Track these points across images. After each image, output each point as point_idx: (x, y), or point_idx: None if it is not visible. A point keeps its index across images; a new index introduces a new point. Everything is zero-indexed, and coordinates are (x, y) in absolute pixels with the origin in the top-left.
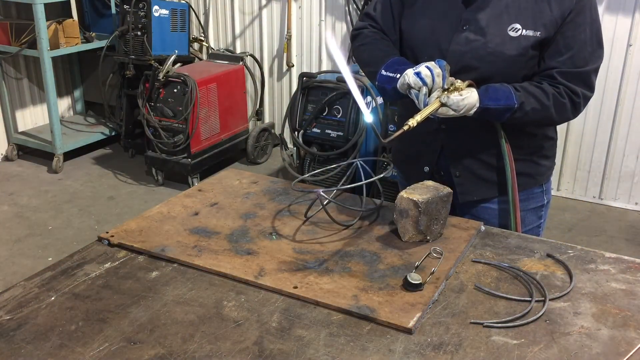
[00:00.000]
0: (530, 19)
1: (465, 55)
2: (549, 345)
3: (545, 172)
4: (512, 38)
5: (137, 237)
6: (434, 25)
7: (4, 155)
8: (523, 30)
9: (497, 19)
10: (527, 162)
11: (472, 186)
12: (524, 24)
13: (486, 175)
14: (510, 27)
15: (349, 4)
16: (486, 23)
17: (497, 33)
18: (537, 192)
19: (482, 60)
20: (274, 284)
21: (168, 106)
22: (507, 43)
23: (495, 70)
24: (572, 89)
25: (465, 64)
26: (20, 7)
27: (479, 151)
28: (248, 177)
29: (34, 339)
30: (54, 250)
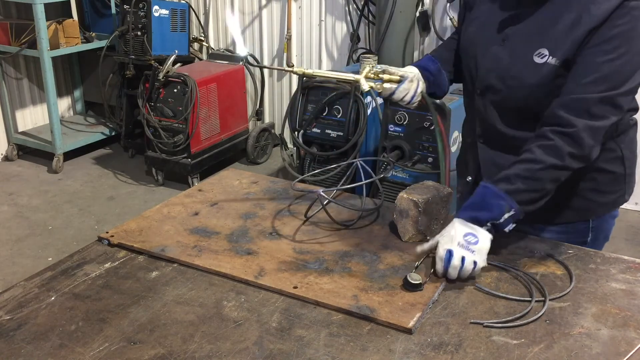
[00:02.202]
0: (560, 44)
1: (490, 73)
2: (549, 345)
3: (596, 208)
4: (535, 65)
5: (137, 237)
6: (476, 36)
7: (4, 155)
8: (549, 57)
9: (531, 40)
10: (569, 193)
11: None
12: (551, 50)
13: None
14: (538, 52)
15: (349, 4)
16: (518, 43)
17: (522, 57)
18: (579, 227)
19: (504, 83)
20: (274, 284)
21: (168, 106)
22: (529, 69)
23: (517, 97)
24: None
25: (489, 84)
26: (20, 7)
27: None
28: (248, 177)
29: (34, 339)
30: (54, 250)
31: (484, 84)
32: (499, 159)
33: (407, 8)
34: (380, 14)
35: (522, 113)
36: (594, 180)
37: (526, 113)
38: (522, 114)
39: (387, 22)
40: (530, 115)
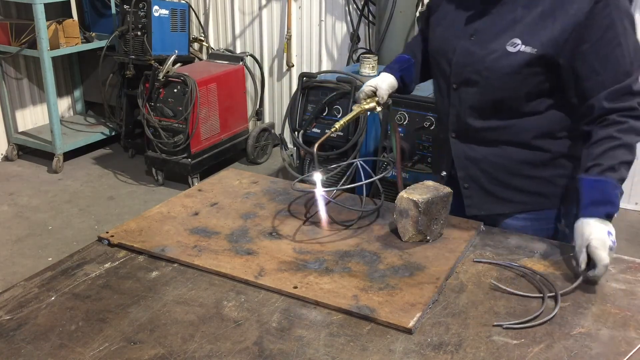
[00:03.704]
0: (531, 35)
1: (465, 68)
2: (549, 345)
3: (560, 193)
4: (508, 54)
5: (137, 237)
6: (445, 35)
7: (4, 155)
8: (522, 45)
9: (501, 33)
10: (539, 180)
11: (480, 200)
12: (524, 40)
13: (495, 190)
14: (511, 41)
15: (349, 4)
16: (489, 36)
17: (495, 47)
18: (549, 214)
19: (480, 75)
20: (274, 284)
21: (168, 106)
22: (502, 59)
23: (494, 86)
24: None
25: (466, 77)
26: (20, 7)
27: (486, 165)
28: (248, 177)
29: (34, 339)
30: (54, 250)
31: (460, 79)
32: (471, 151)
33: (407, 8)
34: (380, 14)
35: (496, 104)
36: (563, 167)
37: (500, 103)
38: (497, 104)
39: (387, 22)
40: (504, 106)
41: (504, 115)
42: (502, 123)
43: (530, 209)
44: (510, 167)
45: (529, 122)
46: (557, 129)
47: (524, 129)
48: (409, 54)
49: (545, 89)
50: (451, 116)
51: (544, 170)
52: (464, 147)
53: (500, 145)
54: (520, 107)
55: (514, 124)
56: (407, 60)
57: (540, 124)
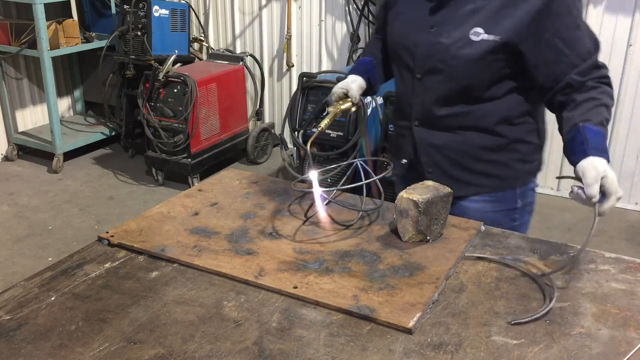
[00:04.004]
0: (493, 23)
1: (430, 58)
2: (549, 345)
3: (521, 176)
4: (472, 42)
5: (137, 237)
6: (406, 28)
7: (4, 155)
8: (484, 34)
9: (462, 22)
10: (497, 164)
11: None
12: (486, 29)
13: (457, 174)
14: (473, 30)
15: (349, 4)
16: (452, 27)
17: (459, 37)
18: (508, 195)
19: (445, 63)
20: (274, 284)
21: (168, 106)
22: (467, 46)
23: (458, 73)
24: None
25: (431, 67)
26: (20, 7)
27: (449, 150)
28: (248, 177)
29: (34, 339)
30: (54, 250)
31: (424, 69)
32: (434, 138)
33: None
34: None
35: (461, 90)
36: (517, 151)
37: (465, 90)
38: (462, 91)
39: None
40: (468, 92)
41: (467, 102)
42: (465, 109)
43: (489, 191)
44: (471, 152)
45: (489, 108)
46: (514, 115)
47: (485, 115)
48: (369, 56)
49: (506, 74)
50: (415, 105)
51: (501, 154)
52: (427, 135)
53: (462, 131)
54: (483, 93)
55: (476, 109)
56: (369, 62)
57: (499, 110)
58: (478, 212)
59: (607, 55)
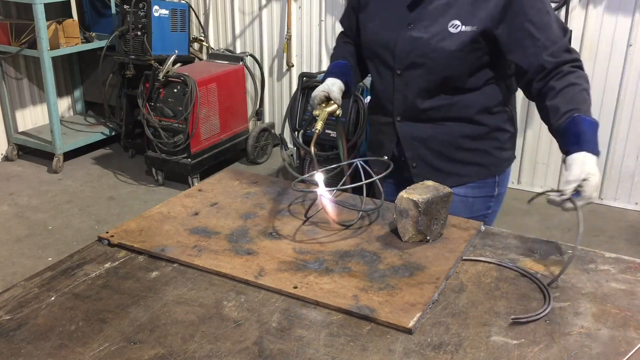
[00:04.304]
0: (469, 15)
1: (411, 53)
2: (549, 345)
3: (501, 163)
4: (451, 34)
5: (137, 237)
6: (382, 27)
7: (4, 155)
8: (462, 26)
9: (439, 17)
10: (479, 152)
11: (428, 176)
12: (463, 20)
13: (441, 165)
14: (451, 23)
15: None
16: (429, 22)
17: (438, 30)
18: (489, 182)
19: (426, 57)
20: (274, 284)
21: (168, 106)
22: (447, 39)
23: (439, 66)
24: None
25: (411, 62)
26: (20, 7)
27: (433, 143)
28: (248, 177)
29: (34, 339)
30: (54, 250)
31: (405, 64)
32: (418, 132)
33: None
34: None
35: (443, 82)
36: (496, 140)
37: (447, 81)
38: (444, 82)
39: None
40: (450, 84)
41: (449, 92)
42: (448, 100)
43: (472, 180)
44: (454, 142)
45: (470, 98)
46: (493, 104)
47: (466, 105)
48: (342, 59)
49: (484, 62)
50: (396, 101)
51: (483, 142)
52: (411, 129)
53: (445, 122)
54: (464, 83)
55: (458, 100)
56: (344, 65)
57: (480, 100)
58: (459, 197)
59: (607, 55)
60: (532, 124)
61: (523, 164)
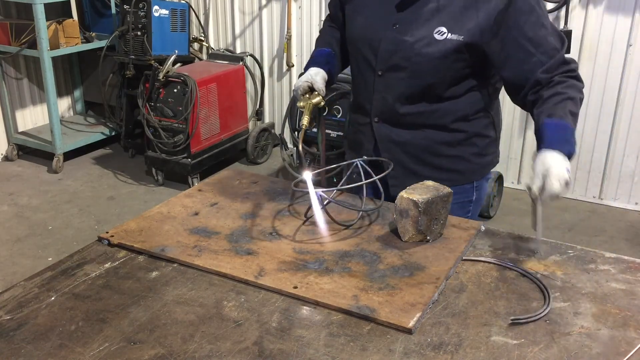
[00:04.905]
0: (457, 23)
1: (394, 55)
2: (549, 345)
3: (479, 170)
4: (437, 41)
5: (137, 237)
6: (368, 24)
7: (4, 155)
8: (448, 34)
9: (426, 21)
10: (457, 158)
11: (404, 179)
12: (449, 28)
13: (418, 169)
14: (437, 30)
15: None
16: (415, 25)
17: (424, 35)
18: (466, 188)
19: (409, 60)
20: (274, 284)
21: (168, 106)
22: (432, 45)
23: (422, 70)
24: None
25: (394, 63)
26: (20, 7)
27: (410, 147)
28: (248, 177)
29: (34, 339)
30: (54, 250)
31: (386, 65)
32: (396, 136)
33: None
34: None
35: (424, 89)
36: (475, 145)
37: (428, 88)
38: (425, 89)
39: None
40: (431, 91)
41: (429, 100)
42: (427, 108)
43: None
44: (431, 148)
45: (449, 107)
46: (471, 112)
47: (445, 113)
48: (326, 47)
49: (467, 73)
50: (375, 101)
51: (461, 149)
52: (388, 131)
53: (423, 128)
54: (444, 91)
55: (437, 108)
56: (328, 54)
57: (457, 108)
58: None
59: (607, 55)
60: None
61: (523, 164)
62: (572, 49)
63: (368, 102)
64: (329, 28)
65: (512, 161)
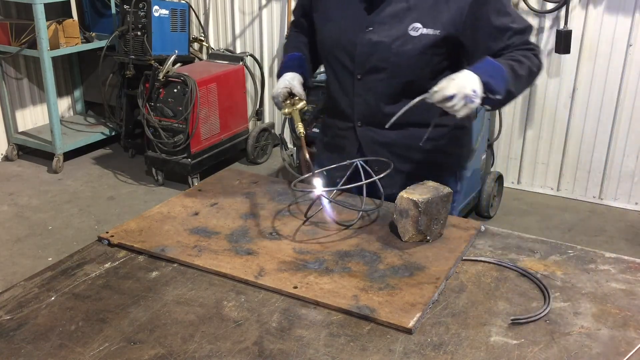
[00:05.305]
0: (429, 18)
1: (371, 58)
2: (549, 345)
3: (460, 161)
4: (412, 37)
5: (137, 237)
6: (340, 29)
7: (4, 155)
8: (423, 29)
9: (399, 20)
10: (440, 152)
11: (393, 179)
12: (423, 23)
13: (404, 167)
14: (411, 26)
15: None
16: (388, 25)
17: (399, 34)
18: (450, 180)
19: (387, 61)
20: (274, 284)
21: (168, 106)
22: (408, 43)
23: (402, 69)
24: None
25: (373, 66)
26: (20, 7)
27: (396, 147)
28: (248, 177)
29: (34, 339)
30: (54, 250)
31: (365, 68)
32: (380, 137)
33: None
34: None
35: (405, 86)
36: (456, 137)
37: (409, 85)
38: (406, 87)
39: None
40: (412, 88)
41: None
42: None
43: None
44: (417, 145)
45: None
46: None
47: (428, 109)
48: (296, 51)
49: (444, 66)
50: (357, 105)
51: (444, 142)
52: (373, 134)
53: (408, 127)
54: (425, 86)
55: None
56: (300, 58)
57: None
58: None
59: (607, 55)
60: (532, 124)
61: (523, 164)
62: (572, 49)
63: (349, 106)
64: (295, 34)
65: (512, 161)
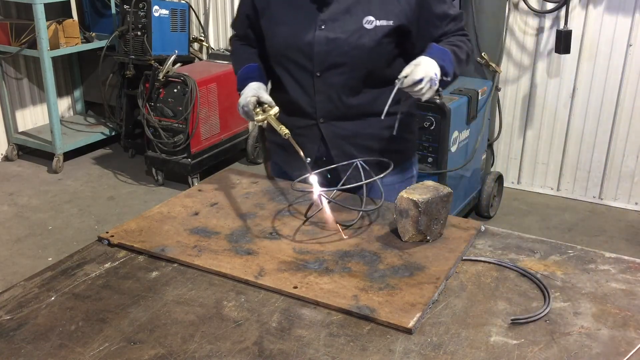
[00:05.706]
0: (381, 10)
1: (330, 54)
2: (549, 345)
3: (413, 146)
4: (368, 30)
5: (137, 237)
6: (293, 31)
7: (4, 155)
8: (377, 21)
9: (351, 14)
10: (397, 139)
11: (355, 171)
12: (376, 16)
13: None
14: (365, 20)
15: None
16: (341, 21)
17: (354, 28)
18: (407, 165)
19: (346, 56)
20: (274, 284)
21: (168, 106)
22: (364, 35)
23: (361, 62)
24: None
25: (331, 63)
26: (20, 7)
27: (358, 139)
28: (248, 177)
29: (34, 339)
30: (54, 250)
31: (324, 65)
32: (342, 130)
33: None
34: None
35: (364, 78)
36: (408, 125)
37: (367, 76)
38: (367, 77)
39: None
40: (372, 78)
41: (372, 86)
42: (372, 95)
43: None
44: (376, 135)
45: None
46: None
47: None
48: (251, 62)
49: (396, 53)
50: (319, 103)
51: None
52: (335, 128)
53: (366, 117)
54: (383, 75)
55: (379, 94)
56: (257, 68)
57: None
58: (389, 187)
59: (607, 55)
60: (532, 124)
61: (523, 164)
62: (572, 49)
63: (309, 105)
64: (241, 47)
65: (512, 161)
